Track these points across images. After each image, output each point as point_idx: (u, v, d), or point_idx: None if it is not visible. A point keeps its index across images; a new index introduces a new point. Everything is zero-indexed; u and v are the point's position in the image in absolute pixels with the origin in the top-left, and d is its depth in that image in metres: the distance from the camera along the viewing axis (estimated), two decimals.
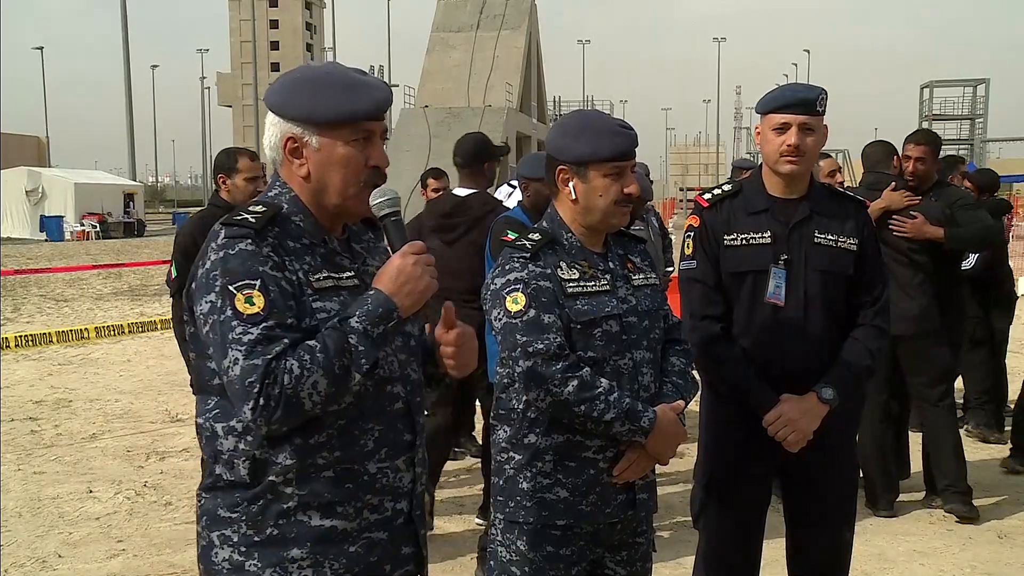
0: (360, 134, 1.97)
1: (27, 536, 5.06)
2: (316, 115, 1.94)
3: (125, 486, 5.93)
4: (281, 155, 2.00)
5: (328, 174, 1.97)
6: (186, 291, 1.95)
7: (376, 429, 1.98)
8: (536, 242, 2.57)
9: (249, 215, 1.91)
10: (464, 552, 4.80)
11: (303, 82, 1.99)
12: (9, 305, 15.18)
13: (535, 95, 47.57)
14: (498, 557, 2.62)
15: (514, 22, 44.96)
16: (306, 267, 1.93)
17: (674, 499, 5.43)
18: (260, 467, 1.92)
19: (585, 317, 2.52)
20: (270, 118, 2.01)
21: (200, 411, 2.00)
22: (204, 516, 2.00)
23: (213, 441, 1.96)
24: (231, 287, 1.82)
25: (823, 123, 3.12)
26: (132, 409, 8.06)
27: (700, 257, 3.21)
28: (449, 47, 44.38)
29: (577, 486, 2.54)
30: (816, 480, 3.21)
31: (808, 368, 3.10)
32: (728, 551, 3.32)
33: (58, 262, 22.86)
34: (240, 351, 1.79)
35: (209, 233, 1.94)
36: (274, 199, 1.99)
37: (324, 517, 1.94)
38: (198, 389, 2.03)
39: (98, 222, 36.87)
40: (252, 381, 1.77)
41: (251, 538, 1.93)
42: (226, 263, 1.84)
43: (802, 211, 3.14)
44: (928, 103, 53.14)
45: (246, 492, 1.93)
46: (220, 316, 1.82)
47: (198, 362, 1.98)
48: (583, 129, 2.59)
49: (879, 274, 3.22)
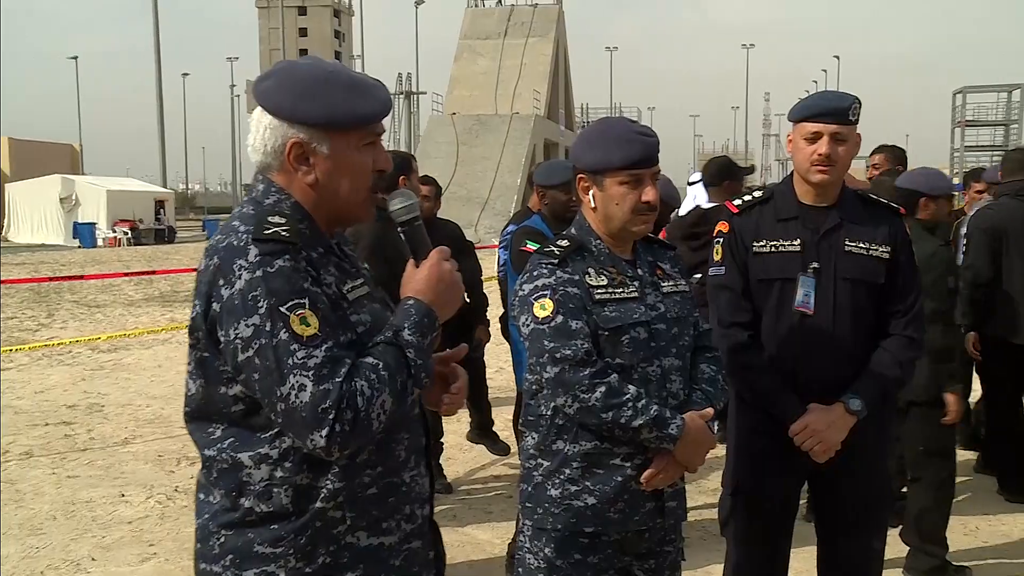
0: (370, 137, 1.90)
1: (61, 539, 5.12)
2: (329, 118, 1.83)
3: (156, 490, 5.98)
4: (281, 161, 1.86)
5: (339, 180, 1.87)
6: (202, 314, 1.79)
7: (405, 438, 1.96)
8: (564, 248, 2.57)
9: (278, 228, 1.78)
10: (493, 559, 4.80)
11: (307, 82, 1.84)
12: (43, 311, 15.38)
13: (563, 102, 47.61)
14: (526, 564, 2.62)
15: (542, 29, 45.06)
16: (333, 278, 1.85)
17: (703, 507, 5.40)
18: (304, 494, 1.82)
19: (613, 324, 2.52)
20: (266, 120, 1.86)
21: (205, 443, 1.87)
22: (229, 555, 1.84)
23: (235, 473, 1.83)
24: (282, 308, 1.71)
25: (856, 132, 3.10)
26: (163, 414, 8.13)
27: (728, 263, 3.20)
28: (477, 54, 44.54)
29: (605, 493, 2.53)
30: (845, 489, 3.18)
31: (836, 378, 3.07)
32: (756, 559, 3.30)
33: (91, 269, 23.10)
34: (307, 376, 1.68)
35: (223, 246, 1.79)
36: (275, 207, 1.86)
37: (372, 535, 1.89)
38: (196, 417, 1.88)
39: (130, 229, 37.22)
40: (327, 407, 1.67)
41: (302, 570, 1.83)
42: (268, 283, 1.72)
43: (832, 219, 3.12)
44: (961, 109, 52.54)
45: (289, 523, 1.82)
46: (272, 340, 1.70)
47: (208, 388, 1.84)
48: (599, 137, 2.58)
49: (912, 283, 3.17)
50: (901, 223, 3.22)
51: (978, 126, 52.88)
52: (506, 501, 5.56)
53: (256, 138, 1.88)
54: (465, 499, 5.68)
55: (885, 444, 3.38)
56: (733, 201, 3.31)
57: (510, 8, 46.78)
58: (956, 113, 52.59)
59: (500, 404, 7.95)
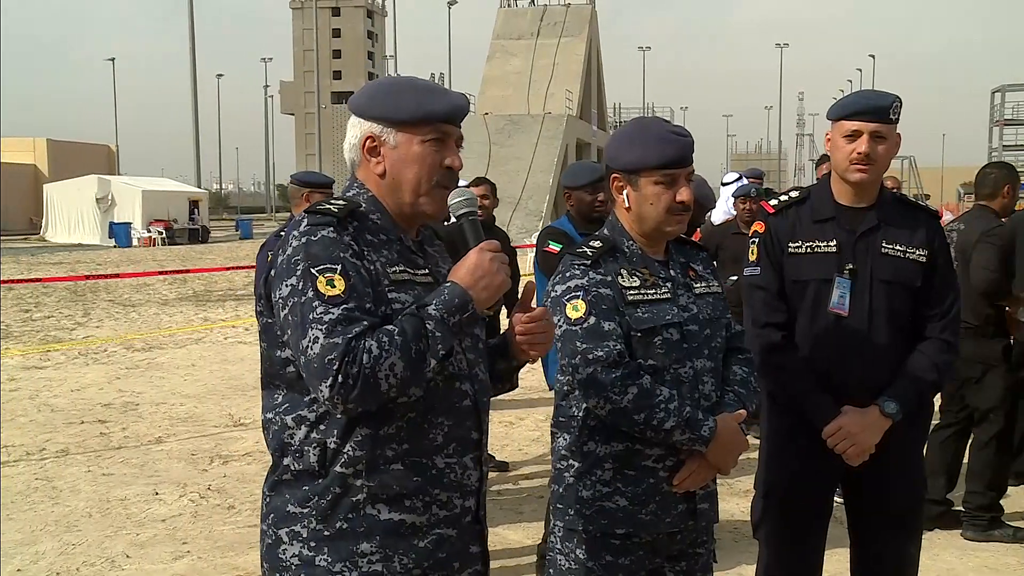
0: (436, 134, 2.04)
1: (96, 536, 5.18)
2: (396, 114, 2.02)
3: (190, 489, 6.04)
4: (360, 155, 2.06)
5: (403, 171, 2.03)
6: (264, 279, 1.98)
7: (445, 424, 2.01)
8: (597, 249, 2.56)
9: (332, 205, 1.96)
10: (523, 560, 4.79)
11: (386, 86, 2.09)
12: (80, 310, 15.57)
13: (595, 102, 47.54)
14: (557, 565, 2.61)
15: (574, 29, 45.00)
16: (383, 259, 1.97)
17: (736, 509, 5.36)
18: (330, 456, 1.93)
19: (645, 325, 2.50)
20: (352, 120, 2.08)
21: (267, 406, 2.03)
22: (271, 514, 2.01)
23: (282, 433, 1.98)
24: (313, 270, 1.86)
25: (896, 131, 3.06)
26: (196, 413, 8.21)
27: (764, 264, 3.17)
28: (509, 54, 44.57)
29: (637, 495, 2.52)
30: (879, 493, 3.14)
31: (871, 380, 3.03)
32: (788, 562, 3.26)
33: (126, 268, 23.37)
34: (321, 330, 1.81)
35: (290, 225, 2.01)
36: (352, 198, 2.04)
37: (393, 510, 1.95)
38: (266, 383, 2.05)
39: (164, 228, 37.63)
40: (332, 359, 1.79)
41: (321, 533, 1.94)
42: (308, 248, 1.88)
43: (869, 220, 3.08)
44: (1000, 108, 51.85)
45: (315, 484, 1.94)
46: (301, 298, 1.85)
47: (269, 352, 2.02)
48: (634, 137, 2.57)
49: (950, 286, 3.12)
50: (939, 226, 3.18)
51: (1017, 125, 52.16)
52: (537, 501, 5.55)
53: (347, 137, 2.10)
54: (496, 499, 5.67)
55: (920, 448, 3.34)
56: (769, 201, 3.28)
57: (543, 8, 46.77)
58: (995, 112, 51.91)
59: (532, 405, 7.96)
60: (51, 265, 25.53)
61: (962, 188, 22.20)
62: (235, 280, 20.78)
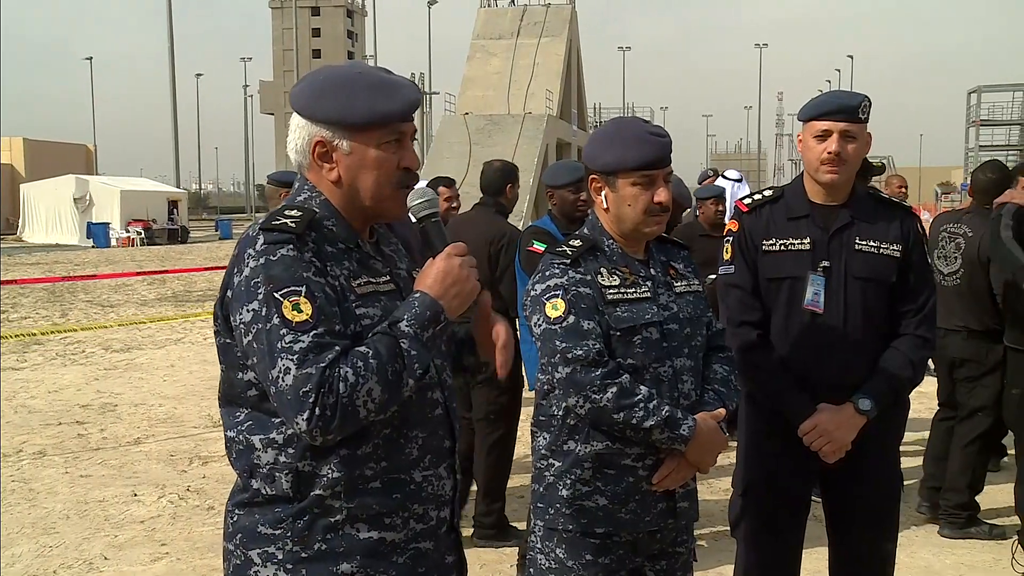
0: (393, 135, 1.93)
1: (74, 538, 5.14)
2: (347, 118, 1.89)
3: (168, 490, 6.00)
4: (309, 159, 1.94)
5: (360, 177, 1.93)
6: (219, 301, 1.88)
7: (420, 436, 1.96)
8: (577, 248, 2.57)
9: (287, 219, 1.84)
10: (505, 560, 4.80)
11: (332, 83, 1.92)
12: (57, 311, 15.45)
13: (575, 102, 47.51)
14: (537, 564, 2.62)
15: (555, 29, 44.94)
16: (346, 272, 1.88)
17: (715, 507, 5.39)
18: (304, 481, 1.86)
19: (625, 324, 2.51)
20: (296, 120, 1.95)
21: (229, 424, 1.94)
22: (239, 534, 1.92)
23: (248, 454, 1.90)
24: (276, 294, 1.76)
25: (866, 130, 3.08)
26: (175, 414, 8.16)
27: (738, 262, 3.19)
28: (490, 54, 44.46)
29: (616, 494, 2.52)
30: (855, 490, 3.17)
31: (847, 377, 3.06)
32: (766, 560, 3.28)
33: (104, 268, 23.20)
34: (292, 360, 1.72)
35: (242, 238, 1.88)
36: (305, 203, 1.94)
37: (373, 529, 1.90)
38: (226, 401, 1.96)
39: (143, 229, 37.39)
40: (307, 391, 1.70)
41: (298, 554, 1.87)
42: (268, 270, 1.78)
43: (843, 218, 3.10)
44: (975, 108, 52.28)
45: (290, 507, 1.87)
46: (266, 325, 1.75)
47: (229, 373, 1.92)
48: (612, 137, 2.57)
49: (925, 282, 3.15)
50: (913, 222, 3.20)
51: (993, 125, 52.64)
52: (518, 501, 5.56)
53: (291, 138, 1.97)
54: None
55: (895, 445, 3.36)
56: (743, 200, 3.30)
57: (523, 8, 46.66)
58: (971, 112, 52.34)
59: None
60: (28, 265, 25.31)
61: (939, 188, 22.50)
62: (214, 280, 20.62)
